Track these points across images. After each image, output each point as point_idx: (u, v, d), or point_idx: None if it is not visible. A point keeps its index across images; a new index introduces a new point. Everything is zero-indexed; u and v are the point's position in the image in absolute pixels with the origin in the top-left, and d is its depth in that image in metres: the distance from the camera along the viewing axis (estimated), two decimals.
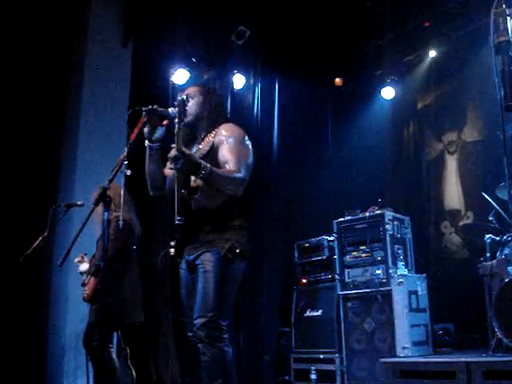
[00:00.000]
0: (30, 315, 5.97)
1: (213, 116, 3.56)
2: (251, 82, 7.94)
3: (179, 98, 3.16)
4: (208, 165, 3.12)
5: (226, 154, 3.34)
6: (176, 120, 3.09)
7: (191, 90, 3.65)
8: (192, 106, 3.49)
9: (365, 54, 8.00)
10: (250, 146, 3.49)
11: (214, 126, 3.53)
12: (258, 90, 8.07)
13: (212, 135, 3.48)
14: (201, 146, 3.50)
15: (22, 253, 4.53)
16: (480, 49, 6.63)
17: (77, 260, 5.02)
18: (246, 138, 3.50)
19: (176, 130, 3.06)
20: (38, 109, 6.31)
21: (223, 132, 3.44)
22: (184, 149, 3.06)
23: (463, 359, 4.59)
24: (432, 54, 7.47)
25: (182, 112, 3.10)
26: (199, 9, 6.83)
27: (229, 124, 3.53)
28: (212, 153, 3.40)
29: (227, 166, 3.29)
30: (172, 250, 3.34)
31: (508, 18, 2.75)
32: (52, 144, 6.51)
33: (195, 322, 3.19)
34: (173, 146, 3.04)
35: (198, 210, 3.36)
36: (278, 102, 8.22)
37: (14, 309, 5.76)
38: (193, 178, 3.35)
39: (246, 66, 7.72)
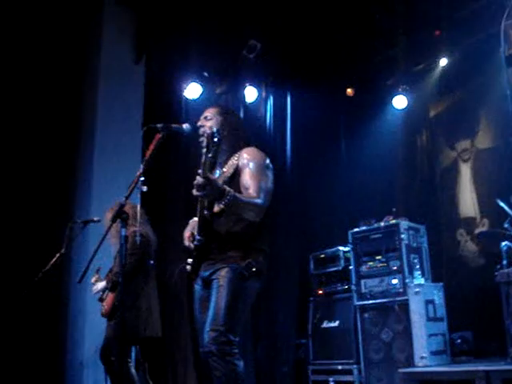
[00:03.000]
0: (48, 331, 6.01)
1: (233, 137, 3.56)
2: (263, 94, 7.98)
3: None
4: (232, 191, 3.14)
5: (247, 178, 3.35)
6: (204, 150, 3.11)
7: (210, 112, 3.66)
8: (211, 128, 3.48)
9: (376, 64, 8.01)
10: (271, 171, 3.50)
11: (235, 147, 3.54)
12: (270, 103, 8.12)
13: (235, 158, 3.48)
14: (224, 170, 3.50)
15: (40, 269, 4.58)
16: (491, 56, 6.60)
17: (93, 280, 5.06)
18: (268, 162, 3.50)
19: (203, 159, 3.08)
20: (54, 127, 6.39)
21: (245, 155, 3.44)
22: (210, 175, 3.08)
23: (482, 368, 4.57)
24: (443, 62, 7.44)
25: (211, 143, 3.10)
26: (210, 23, 6.89)
27: (251, 148, 3.53)
28: (236, 176, 3.41)
29: (248, 192, 3.30)
30: (188, 267, 3.38)
31: None
32: (68, 161, 6.58)
33: (206, 335, 3.19)
34: (199, 171, 3.04)
35: (220, 231, 3.38)
36: (291, 114, 8.26)
37: (33, 325, 5.81)
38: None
39: (257, 78, 7.76)
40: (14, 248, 5.84)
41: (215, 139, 3.11)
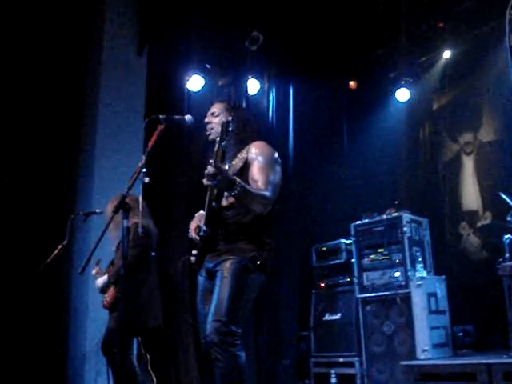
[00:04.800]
0: (50, 323, 6.02)
1: (241, 132, 3.57)
2: (266, 86, 7.95)
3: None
4: (241, 181, 3.17)
5: (256, 172, 3.38)
6: (217, 139, 3.17)
7: (217, 107, 3.69)
8: (219, 123, 3.50)
9: (379, 57, 7.98)
10: (280, 165, 3.53)
11: (243, 142, 3.56)
12: (272, 95, 8.09)
13: (244, 152, 3.51)
14: (234, 163, 3.52)
15: (42, 261, 4.58)
16: (495, 49, 6.60)
17: (94, 272, 5.05)
18: (276, 156, 3.54)
19: (216, 148, 3.13)
20: (56, 119, 6.38)
21: (254, 149, 3.48)
22: (221, 165, 3.10)
23: (484, 361, 4.58)
24: (446, 54, 7.40)
25: (224, 132, 3.15)
26: (213, 15, 6.87)
27: (260, 142, 3.56)
28: (245, 169, 3.44)
29: (257, 184, 3.33)
30: (192, 258, 3.38)
31: None
32: (70, 153, 6.57)
33: (208, 325, 3.21)
34: (211, 161, 3.06)
35: (228, 223, 3.40)
36: (293, 106, 8.24)
37: (35, 316, 5.82)
38: (225, 193, 3.38)
39: (260, 71, 7.73)
40: (16, 240, 5.84)
41: (229, 128, 3.13)
